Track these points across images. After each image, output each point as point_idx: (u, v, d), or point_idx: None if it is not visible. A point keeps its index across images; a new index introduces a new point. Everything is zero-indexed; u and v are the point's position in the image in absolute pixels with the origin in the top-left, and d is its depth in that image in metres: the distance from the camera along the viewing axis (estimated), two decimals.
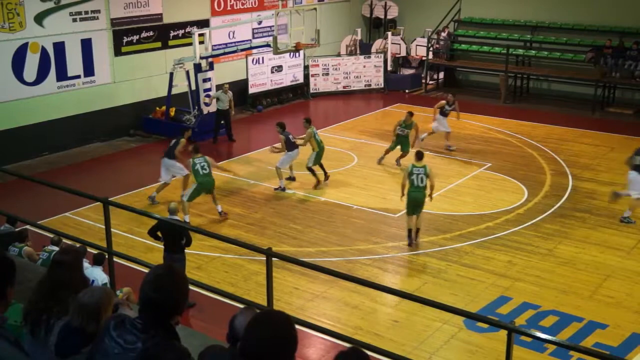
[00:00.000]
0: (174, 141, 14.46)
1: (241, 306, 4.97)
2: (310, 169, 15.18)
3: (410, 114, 16.68)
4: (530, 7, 24.38)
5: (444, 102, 18.01)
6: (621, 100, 22.77)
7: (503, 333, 5.27)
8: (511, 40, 24.60)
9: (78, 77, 18.16)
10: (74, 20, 17.85)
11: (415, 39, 25.91)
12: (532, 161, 17.18)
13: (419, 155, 12.57)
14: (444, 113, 17.92)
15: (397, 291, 9.74)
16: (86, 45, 18.21)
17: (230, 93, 18.65)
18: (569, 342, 9.22)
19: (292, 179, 15.59)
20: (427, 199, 12.44)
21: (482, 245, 12.50)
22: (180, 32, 20.47)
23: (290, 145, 14.98)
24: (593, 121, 20.64)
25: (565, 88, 23.71)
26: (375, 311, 10.36)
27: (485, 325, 9.33)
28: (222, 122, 18.79)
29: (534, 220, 13.50)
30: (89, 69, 18.36)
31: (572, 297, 10.74)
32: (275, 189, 15.08)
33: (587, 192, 15.04)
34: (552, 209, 14.11)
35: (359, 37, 26.37)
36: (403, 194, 12.52)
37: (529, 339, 8.79)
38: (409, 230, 12.51)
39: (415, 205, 12.35)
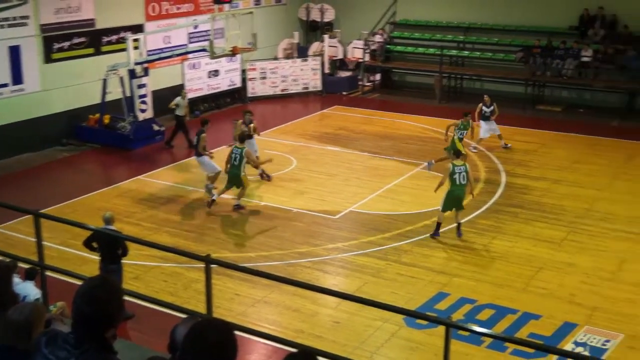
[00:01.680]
0: (196, 138, 14.79)
1: (181, 315, 4.97)
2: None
3: (466, 114, 16.88)
4: (462, 9, 24.93)
5: (480, 105, 18.34)
6: (550, 98, 23.50)
7: (442, 328, 5.42)
8: (445, 42, 25.11)
9: (5, 85, 17.66)
10: (1, 26, 17.38)
11: (351, 42, 26.18)
12: (467, 159, 17.53)
13: (458, 154, 13.00)
14: (484, 117, 18.17)
15: (338, 292, 9.84)
16: (14, 53, 17.74)
17: (187, 99, 18.63)
18: (504, 334, 9.55)
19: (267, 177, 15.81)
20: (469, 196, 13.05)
21: (421, 243, 12.74)
22: (114, 37, 20.16)
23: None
24: (524, 119, 21.23)
25: (497, 87, 24.29)
26: (316, 313, 10.44)
27: (425, 322, 9.54)
28: (179, 127, 18.70)
29: (469, 217, 13.82)
30: (17, 77, 17.87)
31: (506, 290, 11.05)
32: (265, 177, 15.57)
33: (520, 188, 15.48)
34: (487, 205, 14.48)
35: (296, 41, 26.49)
36: (437, 189, 13.00)
37: (466, 333, 9.05)
38: (439, 224, 12.92)
39: (458, 201, 12.81)
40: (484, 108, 18.23)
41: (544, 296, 10.86)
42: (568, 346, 9.43)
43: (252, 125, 15.92)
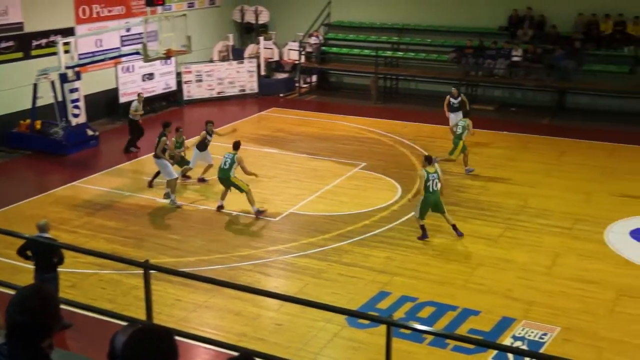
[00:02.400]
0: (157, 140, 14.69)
1: (121, 323, 4.85)
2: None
3: (466, 113, 17.16)
4: (396, 10, 25.25)
5: (448, 97, 18.48)
6: (483, 97, 24.02)
7: (384, 327, 5.45)
8: (379, 43, 25.37)
9: None
10: None
11: (287, 44, 26.19)
12: (403, 159, 17.80)
13: (430, 160, 12.99)
14: (452, 109, 18.32)
15: (279, 295, 9.84)
16: None
17: (142, 102, 18.53)
18: (445, 331, 9.70)
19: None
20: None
21: (361, 243, 12.81)
22: (44, 41, 19.60)
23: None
24: None
25: (431, 87, 24.71)
26: (258, 316, 10.38)
27: (367, 321, 9.60)
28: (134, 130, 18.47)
29: (408, 216, 13.97)
30: None
31: (446, 287, 11.22)
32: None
33: (457, 186, 15.74)
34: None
35: (231, 43, 26.32)
36: (413, 197, 13.05)
37: (408, 331, 9.15)
38: (423, 227, 12.93)
39: (435, 206, 12.83)
40: (451, 100, 18.48)
41: (482, 292, 11.07)
42: (507, 341, 9.62)
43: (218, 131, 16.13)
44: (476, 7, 24.11)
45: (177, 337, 3.12)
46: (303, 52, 25.42)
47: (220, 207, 14.25)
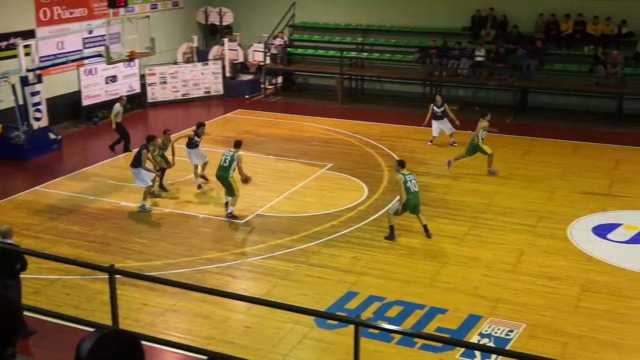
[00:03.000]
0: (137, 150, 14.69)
1: (87, 329, 4.79)
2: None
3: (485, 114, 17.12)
4: (360, 11, 25.35)
5: (431, 105, 18.61)
6: (447, 97, 24.10)
7: (352, 327, 5.46)
8: (344, 44, 25.44)
9: None
10: None
11: (252, 45, 26.11)
12: (370, 159, 17.87)
13: (402, 164, 13.01)
14: (436, 117, 18.45)
15: (247, 297, 9.82)
16: None
17: (124, 105, 18.53)
18: (412, 329, 9.77)
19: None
20: None
21: (328, 243, 12.83)
22: (3, 43, 19.24)
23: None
24: (423, 118, 21.69)
25: (396, 88, 24.87)
26: (226, 319, 10.32)
27: (335, 322, 9.61)
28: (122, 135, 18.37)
29: (375, 216, 14.05)
30: None
31: (414, 286, 11.29)
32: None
33: (423, 186, 15.72)
34: (391, 204, 14.72)
35: (195, 44, 26.14)
36: (402, 202, 12.89)
37: (376, 331, 9.19)
38: (392, 227, 12.96)
39: (414, 207, 12.89)
40: (435, 108, 18.48)
41: (449, 290, 11.16)
42: (474, 338, 9.72)
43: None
44: (439, 7, 24.32)
45: (144, 342, 3.09)
46: (268, 54, 25.37)
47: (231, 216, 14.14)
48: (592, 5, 22.48)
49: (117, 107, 18.10)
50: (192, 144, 15.62)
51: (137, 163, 14.35)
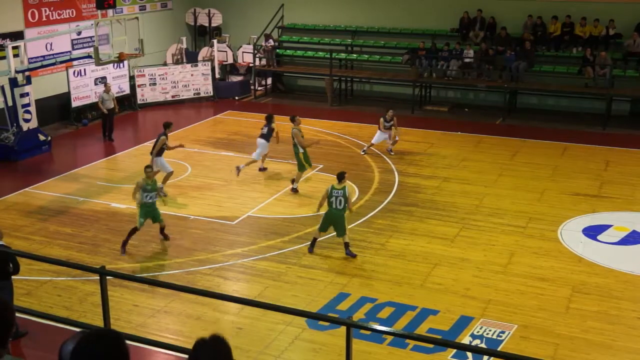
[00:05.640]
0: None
1: (78, 330, 4.77)
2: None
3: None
4: (349, 13, 25.40)
5: (381, 118, 18.26)
6: (437, 98, 24.34)
7: (344, 329, 5.47)
8: (333, 45, 25.48)
9: None
10: None
11: (241, 46, 26.09)
12: (360, 160, 17.90)
13: (340, 177, 12.57)
14: (383, 127, 18.23)
15: (239, 298, 9.80)
16: None
17: (112, 92, 19.15)
18: (404, 331, 9.78)
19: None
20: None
21: (320, 245, 12.80)
22: None
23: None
24: (413, 119, 21.84)
25: (386, 89, 24.94)
26: (218, 320, 10.30)
27: (327, 323, 9.62)
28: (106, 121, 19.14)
29: (366, 217, 14.07)
30: None
31: (405, 288, 11.31)
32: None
33: (413, 187, 15.90)
34: (382, 205, 14.78)
35: (184, 46, 26.08)
36: (318, 211, 12.69)
37: (368, 332, 9.20)
38: (315, 240, 12.56)
39: (332, 223, 12.38)
40: (384, 122, 18.34)
41: (440, 292, 11.19)
42: (465, 339, 9.74)
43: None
44: (428, 9, 24.40)
45: (136, 343, 3.09)
46: (257, 55, 25.36)
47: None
48: (580, 7, 22.64)
49: (102, 94, 18.80)
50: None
51: (152, 151, 14.98)
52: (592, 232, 13.43)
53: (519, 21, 23.47)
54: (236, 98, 24.92)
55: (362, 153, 18.36)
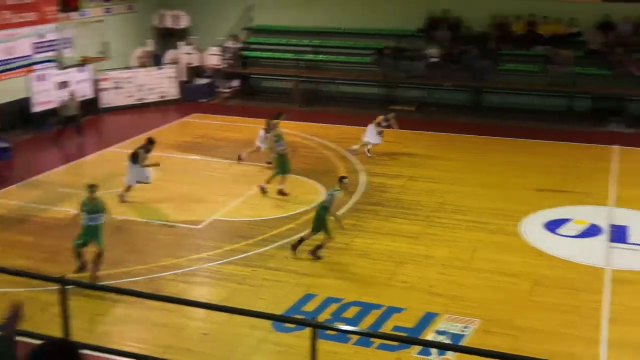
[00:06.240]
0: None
1: (38, 342, 4.73)
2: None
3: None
4: (316, 14, 25.43)
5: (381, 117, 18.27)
6: (403, 98, 24.46)
7: (310, 330, 5.49)
8: (300, 46, 25.50)
9: None
10: None
11: (208, 48, 25.97)
12: (327, 161, 17.94)
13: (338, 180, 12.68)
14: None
15: (204, 304, 9.79)
16: None
17: (77, 100, 19.24)
18: (369, 329, 9.84)
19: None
20: None
21: (286, 246, 12.81)
22: None
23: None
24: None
25: (353, 89, 25.03)
26: (184, 327, 10.25)
27: (293, 325, 9.64)
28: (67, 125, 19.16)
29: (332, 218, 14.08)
30: None
31: (370, 287, 11.36)
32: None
33: (379, 186, 15.98)
34: (348, 205, 14.82)
35: (150, 48, 25.90)
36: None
37: (333, 332, 9.24)
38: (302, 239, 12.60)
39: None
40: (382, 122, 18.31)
41: (405, 289, 11.27)
42: (430, 336, 9.82)
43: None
44: (394, 9, 24.52)
45: (99, 353, 3.08)
46: (224, 57, 25.28)
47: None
48: (543, 6, 22.93)
49: (67, 100, 18.95)
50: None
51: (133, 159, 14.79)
52: (553, 226, 13.64)
53: (483, 21, 23.70)
54: (203, 101, 24.78)
55: (368, 155, 18.22)
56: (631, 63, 21.48)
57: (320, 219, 12.34)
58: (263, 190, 15.37)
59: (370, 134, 18.19)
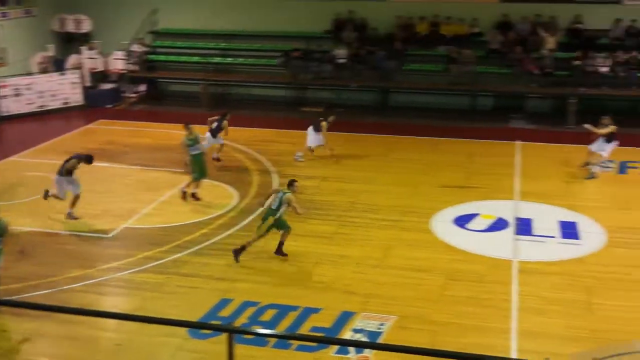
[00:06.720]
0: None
1: None
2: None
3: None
4: (223, 17, 25.25)
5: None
6: (312, 99, 24.61)
7: (226, 335, 5.44)
8: (208, 49, 25.26)
9: None
10: None
11: (112, 53, 25.34)
12: (238, 164, 17.84)
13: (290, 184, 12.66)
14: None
15: (116, 314, 9.55)
16: None
17: None
18: (287, 332, 9.85)
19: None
20: None
21: (200, 252, 12.67)
22: None
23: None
24: (290, 121, 21.99)
25: (262, 92, 25.00)
26: (96, 338, 9.95)
27: (209, 331, 9.53)
28: None
29: (246, 221, 14.04)
30: None
31: (287, 289, 11.37)
32: None
33: None
34: (262, 208, 14.75)
35: (51, 54, 25.02)
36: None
37: (251, 336, 9.19)
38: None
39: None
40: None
41: (321, 290, 11.34)
42: (347, 334, 9.92)
43: None
44: (301, 12, 24.66)
45: None
46: (130, 61, 24.72)
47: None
48: (445, 7, 23.62)
49: None
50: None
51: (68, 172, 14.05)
52: (462, 221, 14.05)
53: (388, 22, 24.17)
54: (108, 106, 24.13)
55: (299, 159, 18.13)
56: (529, 62, 22.42)
57: (271, 220, 12.29)
58: (184, 195, 15.10)
59: (312, 137, 18.22)
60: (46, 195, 14.37)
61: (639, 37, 22.53)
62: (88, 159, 14.36)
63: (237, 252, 12.26)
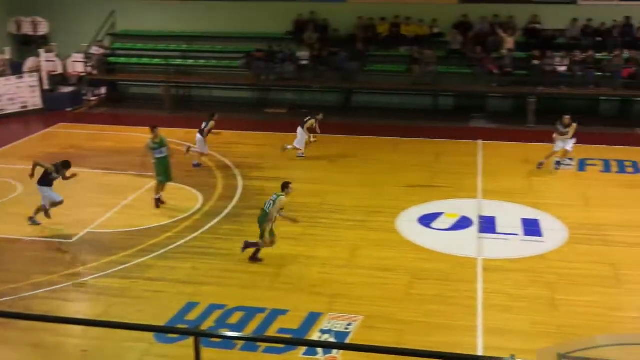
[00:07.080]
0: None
1: None
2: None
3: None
4: (184, 19, 25.08)
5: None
6: (276, 100, 24.58)
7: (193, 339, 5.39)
8: (169, 51, 25.05)
9: None
10: None
11: (71, 55, 24.95)
12: (203, 167, 17.71)
13: (284, 187, 12.57)
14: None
15: (80, 320, 9.40)
16: None
17: None
18: (254, 334, 9.83)
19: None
20: None
21: (165, 256, 12.56)
22: None
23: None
24: (254, 123, 21.95)
25: (225, 94, 24.86)
26: (60, 345, 9.80)
27: (175, 335, 9.46)
28: None
29: (211, 224, 13.97)
30: None
31: (254, 291, 11.34)
32: None
33: (256, 190, 15.96)
34: (227, 210, 14.73)
35: (8, 57, 24.54)
36: None
37: (218, 339, 9.14)
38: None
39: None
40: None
41: (289, 291, 11.33)
42: (315, 335, 9.93)
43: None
44: (262, 13, 24.61)
45: None
46: (89, 64, 24.37)
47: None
48: (405, 8, 23.79)
49: None
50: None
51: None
52: (427, 220, 14.17)
53: (350, 23, 24.25)
54: (68, 110, 23.77)
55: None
56: (489, 61, 22.71)
57: (259, 224, 12.27)
58: (158, 203, 14.89)
59: (300, 138, 18.19)
60: (47, 214, 14.03)
61: (595, 37, 22.99)
62: (65, 165, 14.13)
63: (253, 258, 12.29)
